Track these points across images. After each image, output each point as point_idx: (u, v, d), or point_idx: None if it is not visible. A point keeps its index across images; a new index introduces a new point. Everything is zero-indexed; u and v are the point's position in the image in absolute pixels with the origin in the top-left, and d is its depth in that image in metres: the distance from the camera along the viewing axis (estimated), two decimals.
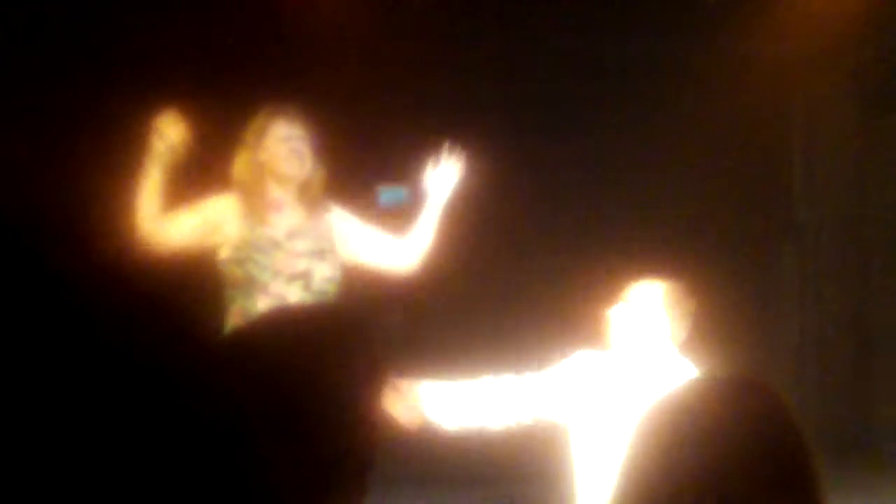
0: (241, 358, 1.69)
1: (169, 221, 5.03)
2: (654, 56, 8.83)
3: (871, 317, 9.26)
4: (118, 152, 7.24)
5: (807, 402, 9.06)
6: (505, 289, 8.63)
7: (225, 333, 4.36)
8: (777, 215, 9.49)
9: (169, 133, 5.04)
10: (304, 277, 5.10)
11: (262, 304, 4.95)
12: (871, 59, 9.03)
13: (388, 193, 8.57)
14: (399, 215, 8.57)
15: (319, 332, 1.75)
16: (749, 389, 1.82)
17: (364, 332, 1.78)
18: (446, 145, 5.59)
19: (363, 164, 7.68)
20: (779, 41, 8.75)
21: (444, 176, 5.29)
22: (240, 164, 5.16)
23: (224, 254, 5.07)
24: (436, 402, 4.50)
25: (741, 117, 8.88)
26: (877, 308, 9.23)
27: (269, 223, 5.11)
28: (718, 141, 8.87)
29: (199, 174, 5.47)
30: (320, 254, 5.17)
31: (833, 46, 8.86)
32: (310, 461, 1.67)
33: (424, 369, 4.74)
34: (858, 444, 8.65)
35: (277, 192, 5.15)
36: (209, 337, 1.43)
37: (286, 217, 5.15)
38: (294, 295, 5.01)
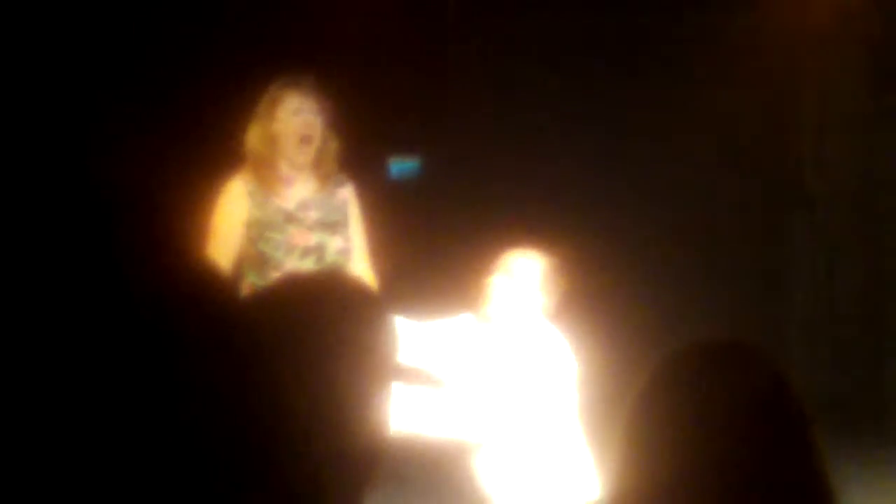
0: (252, 325, 1.69)
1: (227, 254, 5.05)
2: (663, 29, 8.80)
3: (882, 290, 9.25)
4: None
5: (818, 376, 9.05)
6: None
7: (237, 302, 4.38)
8: (787, 189, 9.46)
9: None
10: (318, 251, 5.10)
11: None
12: (883, 32, 8.99)
13: (399, 166, 8.56)
14: (410, 187, 8.61)
15: (332, 297, 1.75)
16: (739, 355, 1.80)
17: (375, 299, 1.78)
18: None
19: (374, 136, 7.66)
20: (790, 15, 8.72)
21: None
22: (252, 135, 5.15)
23: (236, 231, 5.07)
24: None
25: (752, 90, 8.85)
26: (888, 281, 9.21)
27: (280, 195, 5.10)
28: (729, 114, 8.84)
29: (214, 146, 5.47)
30: (332, 226, 5.16)
31: (845, 20, 8.82)
32: (321, 427, 1.67)
33: None
34: (869, 418, 8.64)
35: (288, 165, 5.14)
36: (222, 305, 1.44)
37: (298, 189, 5.15)
38: (307, 270, 5.01)
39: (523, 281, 4.90)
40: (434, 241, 8.18)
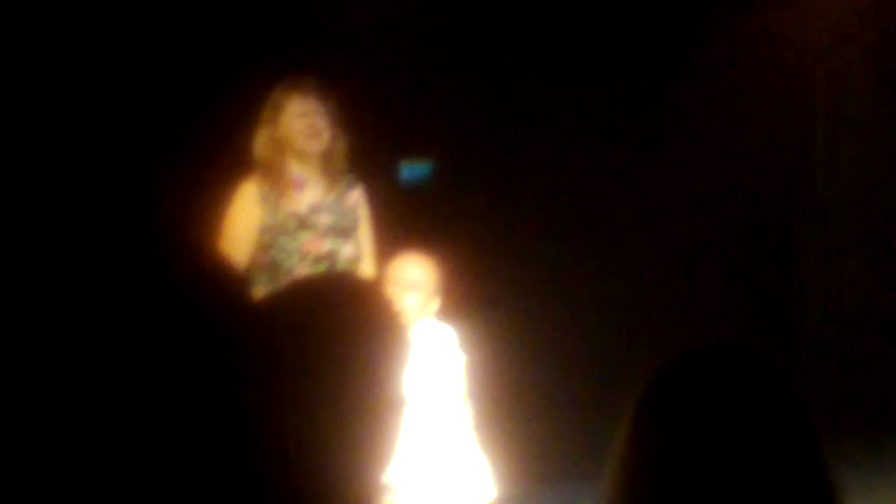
0: (264, 330, 1.69)
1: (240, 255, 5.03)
2: (675, 31, 8.80)
3: (892, 293, 9.23)
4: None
5: (829, 380, 9.03)
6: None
7: (254, 302, 4.39)
8: (798, 192, 9.46)
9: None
10: (329, 258, 5.09)
11: None
12: (893, 34, 8.98)
13: (410, 169, 8.56)
14: (421, 191, 8.60)
15: (343, 303, 1.74)
16: (737, 359, 1.77)
17: (387, 303, 1.77)
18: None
19: (386, 139, 7.65)
20: (800, 17, 8.71)
21: None
22: (260, 142, 5.15)
23: (249, 236, 5.05)
24: None
25: (762, 93, 8.84)
26: None
27: (292, 199, 5.08)
28: (739, 117, 8.84)
29: (224, 153, 5.47)
30: (344, 232, 5.15)
31: (854, 22, 8.82)
32: (335, 424, 1.67)
33: None
34: (881, 423, 8.62)
35: (298, 168, 5.13)
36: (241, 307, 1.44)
37: (309, 193, 5.14)
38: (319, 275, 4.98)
39: (416, 285, 4.82)
40: (444, 243, 8.17)
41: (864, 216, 9.37)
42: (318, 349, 1.67)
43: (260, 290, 4.97)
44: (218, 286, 1.42)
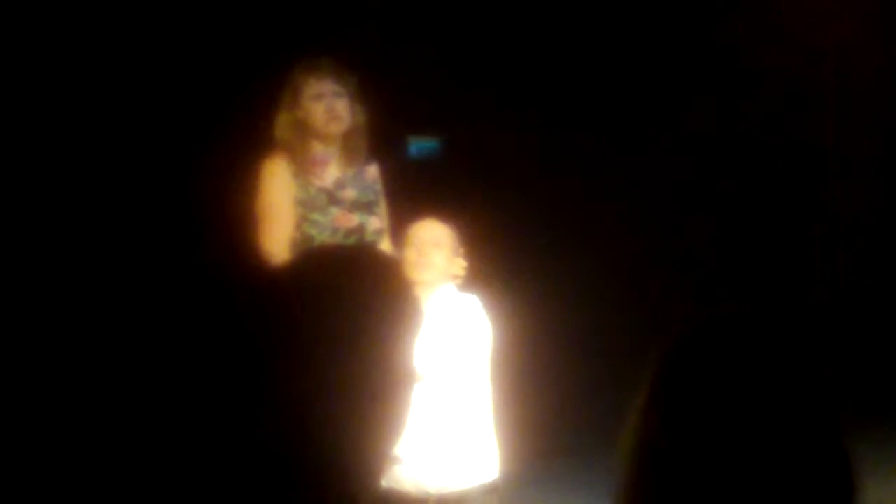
0: (280, 294, 1.71)
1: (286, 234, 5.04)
2: (680, 21, 8.82)
3: None
4: None
5: (838, 356, 9.04)
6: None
7: (268, 270, 4.43)
8: (808, 164, 9.45)
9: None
10: (359, 232, 5.15)
11: None
12: None
13: (418, 145, 8.56)
14: (429, 167, 8.60)
15: (360, 272, 1.75)
16: (759, 329, 1.75)
17: (402, 274, 1.79)
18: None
19: (394, 115, 7.67)
20: (808, 7, 8.76)
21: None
22: (280, 124, 5.19)
23: (291, 209, 5.08)
24: None
25: (771, 62, 8.85)
26: None
27: (317, 175, 5.15)
28: (748, 87, 8.84)
29: (245, 134, 5.49)
30: (368, 206, 5.22)
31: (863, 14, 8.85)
32: (344, 394, 1.68)
33: None
34: (890, 399, 8.63)
35: (320, 148, 5.18)
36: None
37: (332, 169, 5.20)
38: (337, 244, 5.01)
39: (439, 242, 4.88)
40: (452, 219, 8.17)
41: (873, 189, 9.37)
42: (329, 318, 1.68)
43: None
44: (235, 260, 1.44)
